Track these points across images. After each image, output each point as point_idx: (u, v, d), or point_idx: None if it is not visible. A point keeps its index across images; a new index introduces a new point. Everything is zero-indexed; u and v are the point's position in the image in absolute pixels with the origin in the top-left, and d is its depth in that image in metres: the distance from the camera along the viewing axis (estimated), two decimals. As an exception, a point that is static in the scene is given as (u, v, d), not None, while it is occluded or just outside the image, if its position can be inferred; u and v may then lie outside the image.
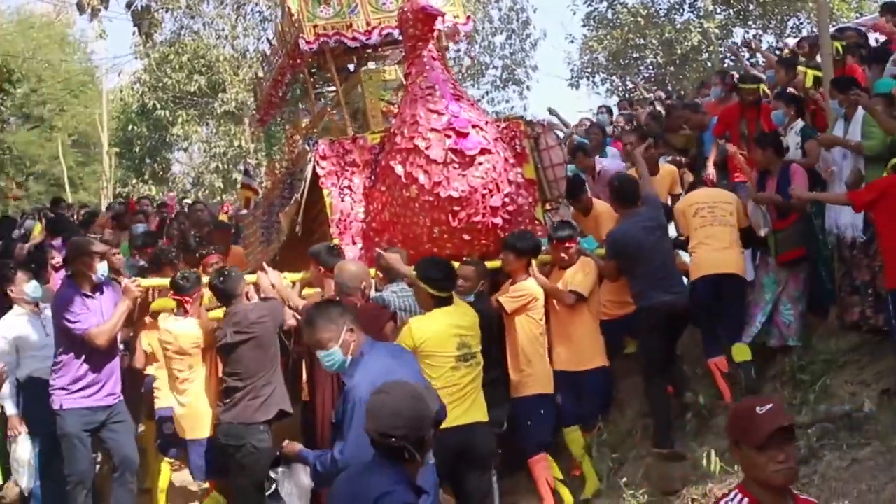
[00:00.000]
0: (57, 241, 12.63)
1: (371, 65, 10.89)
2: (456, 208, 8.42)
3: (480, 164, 8.39)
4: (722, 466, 7.22)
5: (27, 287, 8.80)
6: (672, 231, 9.22)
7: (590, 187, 10.53)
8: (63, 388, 7.79)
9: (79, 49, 45.28)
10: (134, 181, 33.85)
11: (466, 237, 8.64)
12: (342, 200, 9.27)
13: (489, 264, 8.64)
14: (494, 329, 8.09)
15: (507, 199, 8.63)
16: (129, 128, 34.17)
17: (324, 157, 9.27)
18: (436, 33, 9.08)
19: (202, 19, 30.98)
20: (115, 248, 9.89)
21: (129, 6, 8.71)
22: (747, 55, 17.62)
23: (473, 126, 8.43)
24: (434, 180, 8.35)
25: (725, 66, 24.34)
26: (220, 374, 7.98)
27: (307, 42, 9.70)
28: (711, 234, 8.55)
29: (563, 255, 8.70)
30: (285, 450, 5.64)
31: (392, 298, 7.64)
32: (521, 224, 9.08)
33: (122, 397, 8.05)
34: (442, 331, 6.67)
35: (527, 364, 8.22)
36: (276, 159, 11.98)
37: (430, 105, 8.52)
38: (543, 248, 8.90)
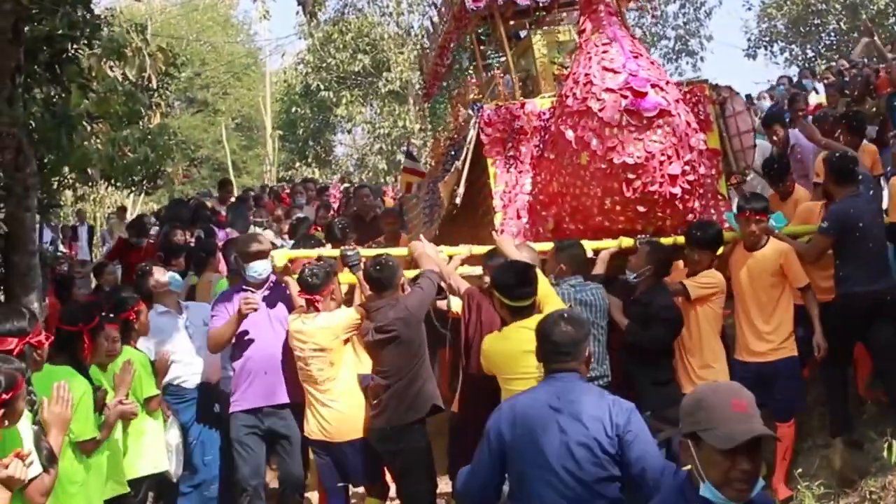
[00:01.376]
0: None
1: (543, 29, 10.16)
2: (630, 176, 7.65)
3: (659, 126, 7.60)
4: (903, 458, 6.55)
5: (166, 277, 8.52)
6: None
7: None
8: (232, 394, 7.75)
9: (242, 31, 46.34)
10: (297, 164, 34.14)
11: (641, 209, 7.85)
12: (507, 171, 8.68)
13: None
14: (672, 318, 7.40)
15: (687, 168, 7.81)
16: (293, 110, 34.63)
17: (489, 124, 8.64)
18: None
19: (366, -4, 30.66)
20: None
21: (292, -15, 8.43)
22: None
23: (653, 85, 7.65)
24: (608, 145, 7.62)
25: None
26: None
27: (474, 1, 9.07)
28: None
29: (753, 227, 7.74)
30: None
31: (566, 292, 7.07)
32: (703, 198, 8.37)
33: (286, 403, 7.64)
34: (513, 349, 5.92)
35: (713, 359, 7.49)
36: (440, 136, 11.44)
37: (605, 63, 7.78)
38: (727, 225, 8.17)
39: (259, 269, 7.66)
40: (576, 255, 7.38)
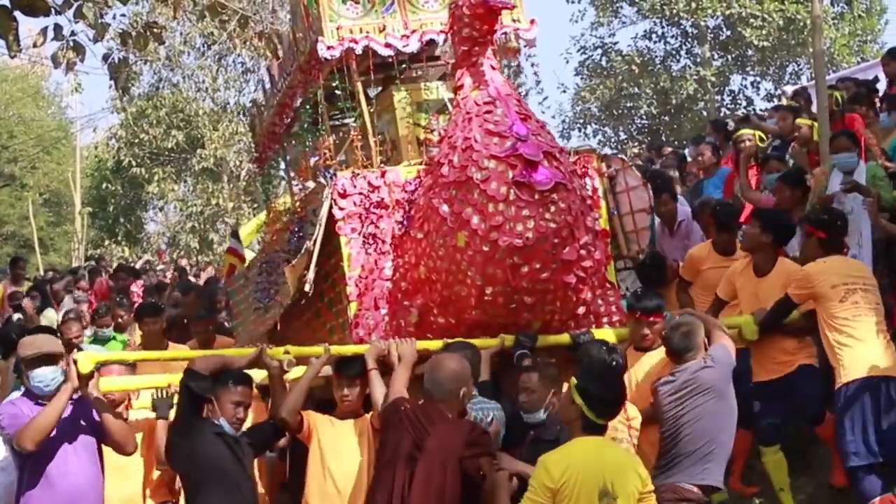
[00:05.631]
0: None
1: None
2: (518, 261, 6.40)
3: (553, 203, 6.38)
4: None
5: None
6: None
7: (664, 239, 9.22)
8: None
9: (53, 103, 45.51)
10: (107, 242, 33.09)
11: (528, 300, 6.59)
12: (366, 252, 7.25)
13: (552, 339, 6.72)
14: None
15: (583, 252, 6.64)
16: (104, 186, 33.54)
17: (344, 195, 7.24)
18: (497, 36, 7.09)
19: (182, 72, 29.83)
20: None
21: (105, 59, 7.47)
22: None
23: (546, 154, 6.42)
24: (491, 224, 6.33)
25: (721, 114, 24.53)
26: None
27: (328, 47, 7.63)
28: (870, 326, 6.70)
29: (645, 331, 6.73)
30: None
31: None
32: (595, 287, 7.19)
33: None
34: (588, 466, 5.08)
35: None
36: (275, 205, 10.10)
37: (489, 125, 6.49)
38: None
39: (46, 377, 5.91)
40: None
